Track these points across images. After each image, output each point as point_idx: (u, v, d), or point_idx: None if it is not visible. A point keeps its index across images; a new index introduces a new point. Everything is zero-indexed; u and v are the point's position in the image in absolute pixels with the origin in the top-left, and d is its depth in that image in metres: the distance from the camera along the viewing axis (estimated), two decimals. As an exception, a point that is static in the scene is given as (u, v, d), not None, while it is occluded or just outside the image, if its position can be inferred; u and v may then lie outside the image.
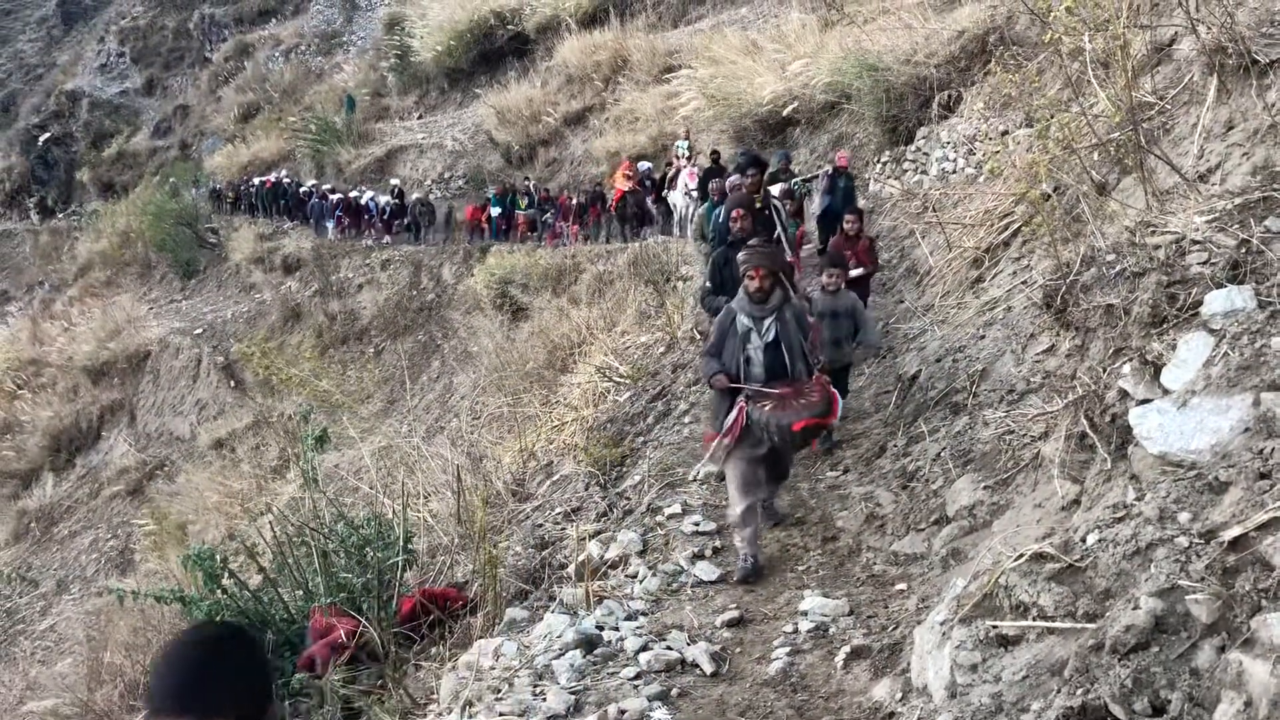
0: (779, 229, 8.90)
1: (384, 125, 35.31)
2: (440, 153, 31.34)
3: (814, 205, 13.15)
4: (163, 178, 41.83)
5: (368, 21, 45.40)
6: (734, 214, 7.70)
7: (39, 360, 33.00)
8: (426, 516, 8.77)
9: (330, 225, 30.25)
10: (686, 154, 19.38)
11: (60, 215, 48.97)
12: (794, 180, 12.97)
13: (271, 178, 34.54)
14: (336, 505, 7.97)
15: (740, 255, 6.36)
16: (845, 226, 9.42)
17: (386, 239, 28.21)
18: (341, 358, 25.26)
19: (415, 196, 28.18)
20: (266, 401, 23.56)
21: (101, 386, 30.73)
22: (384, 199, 28.62)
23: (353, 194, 29.54)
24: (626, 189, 20.98)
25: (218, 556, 6.56)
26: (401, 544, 6.83)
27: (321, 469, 10.71)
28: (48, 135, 51.14)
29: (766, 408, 5.94)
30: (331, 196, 30.44)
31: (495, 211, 25.04)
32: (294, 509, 9.45)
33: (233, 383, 26.76)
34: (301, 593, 6.97)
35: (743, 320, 6.16)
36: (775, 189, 11.77)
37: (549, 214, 23.87)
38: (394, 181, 29.96)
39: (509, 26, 31.59)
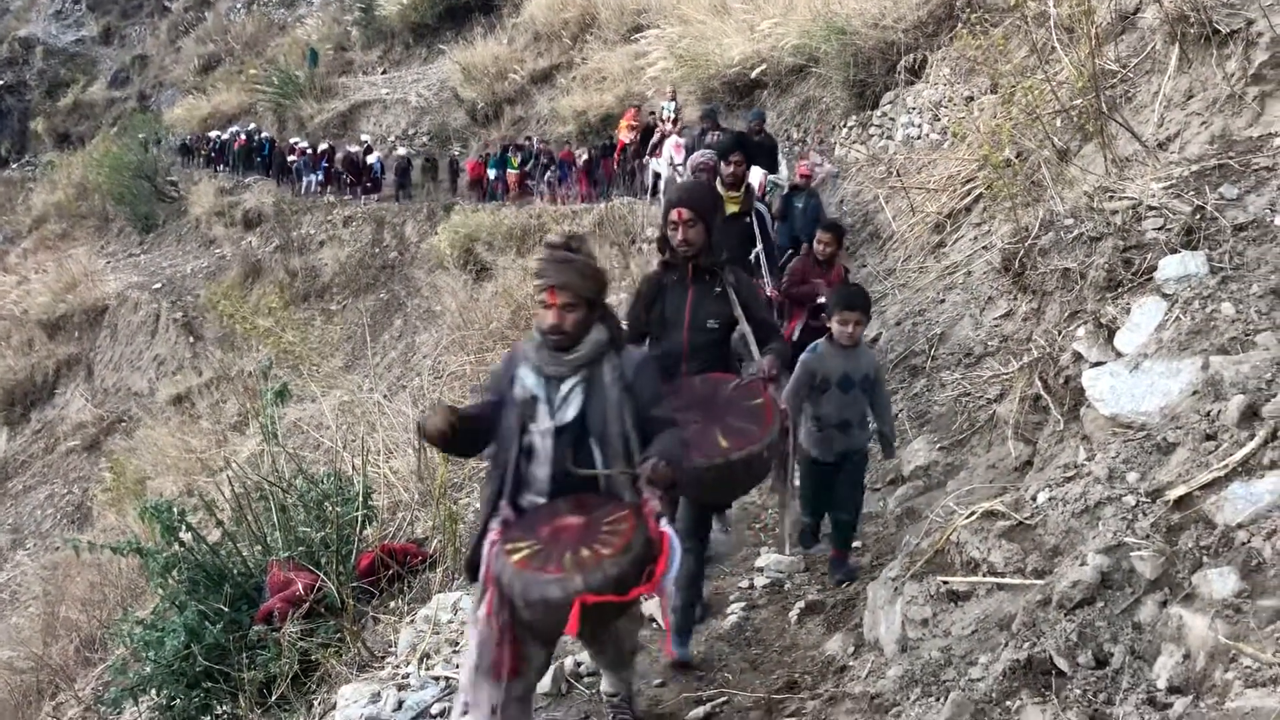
0: (760, 245, 6.87)
1: (347, 80, 34.80)
2: (404, 109, 30.97)
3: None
4: (121, 129, 41.02)
5: (332, -27, 44.56)
6: (674, 215, 4.52)
7: (-8, 313, 32.44)
8: (387, 473, 8.75)
9: (313, 180, 29.43)
10: (673, 117, 17.05)
11: (14, 166, 47.96)
12: (771, 185, 10.92)
13: (239, 132, 33.89)
14: (296, 460, 7.94)
15: (536, 263, 3.56)
16: (816, 248, 7.23)
17: (373, 196, 27.65)
18: (303, 314, 25.02)
19: (402, 152, 27.61)
20: (227, 356, 23.34)
21: (57, 340, 30.26)
22: (374, 156, 28.00)
23: (352, 149, 28.65)
24: (628, 140, 19.46)
25: (175, 509, 6.51)
26: (361, 499, 6.82)
27: (282, 424, 10.65)
28: (0, 83, 49.92)
29: (520, 557, 3.26)
30: (319, 148, 29.66)
31: (492, 173, 24.32)
32: (253, 464, 9.40)
33: (192, 338, 26.45)
34: (260, 547, 6.95)
35: (526, 380, 3.55)
36: (755, 175, 9.63)
37: (550, 170, 22.60)
38: (364, 138, 29.56)
39: (476, -19, 31.15)
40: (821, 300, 6.72)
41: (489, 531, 3.43)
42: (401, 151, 27.59)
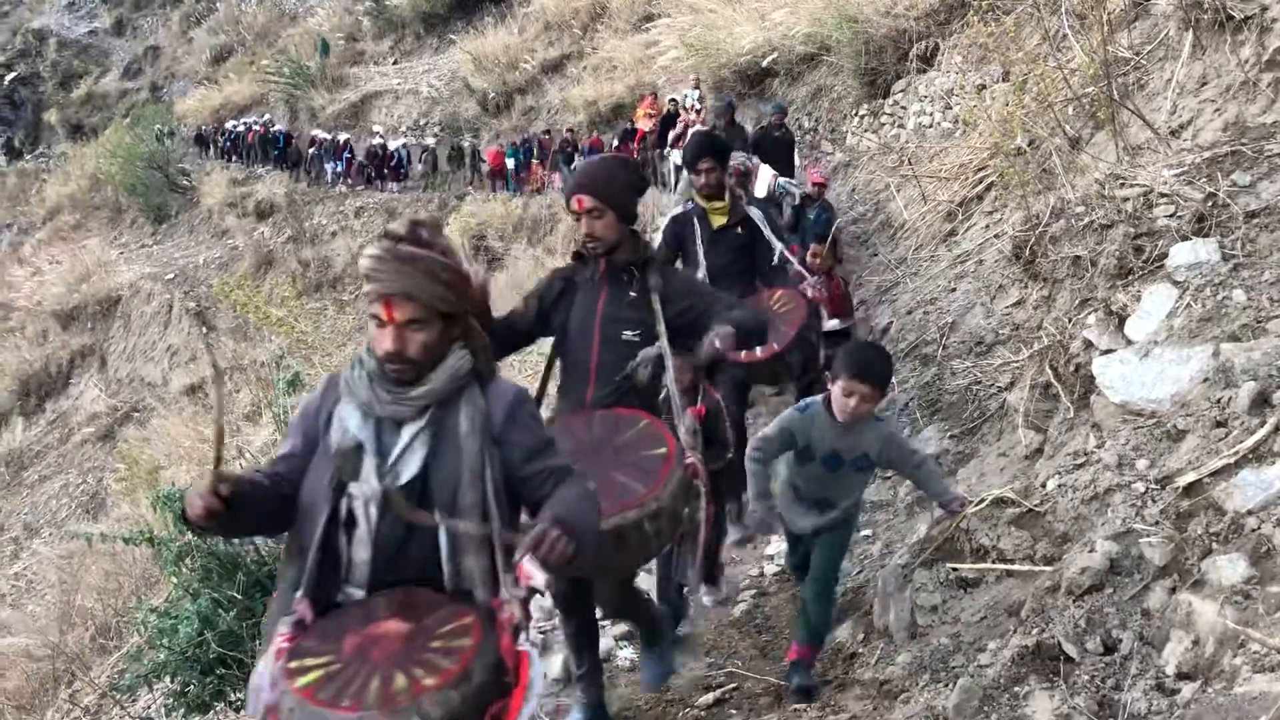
0: (776, 248, 5.69)
1: (358, 70, 34.81)
2: (416, 99, 30.96)
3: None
4: (134, 121, 41.11)
5: (342, -37, 44.55)
6: (573, 203, 3.67)
7: (7, 304, 32.59)
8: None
9: (333, 170, 29.28)
10: (697, 106, 16.28)
11: (28, 157, 48.11)
12: (781, 189, 10.01)
13: (254, 124, 33.91)
14: (308, 449, 7.97)
15: (365, 261, 2.59)
16: (809, 262, 6.56)
17: (393, 186, 27.58)
18: (315, 305, 25.08)
19: (430, 141, 27.48)
20: (239, 346, 23.41)
21: (71, 331, 30.39)
22: (399, 144, 27.87)
23: (376, 141, 28.55)
24: (648, 129, 18.50)
25: (186, 497, 6.55)
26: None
27: (295, 414, 10.68)
28: (14, 75, 50.09)
29: (306, 681, 2.25)
30: (340, 138, 29.56)
31: (510, 164, 24.17)
32: (266, 453, 9.44)
33: (204, 328, 26.55)
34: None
35: (348, 423, 2.60)
36: (764, 176, 8.95)
37: (580, 156, 21.59)
38: (376, 128, 29.57)
39: (486, -29, 31.11)
40: (830, 321, 6.82)
41: (276, 638, 2.40)
42: (430, 140, 27.46)
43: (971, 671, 3.40)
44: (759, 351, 4.76)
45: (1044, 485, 4.07)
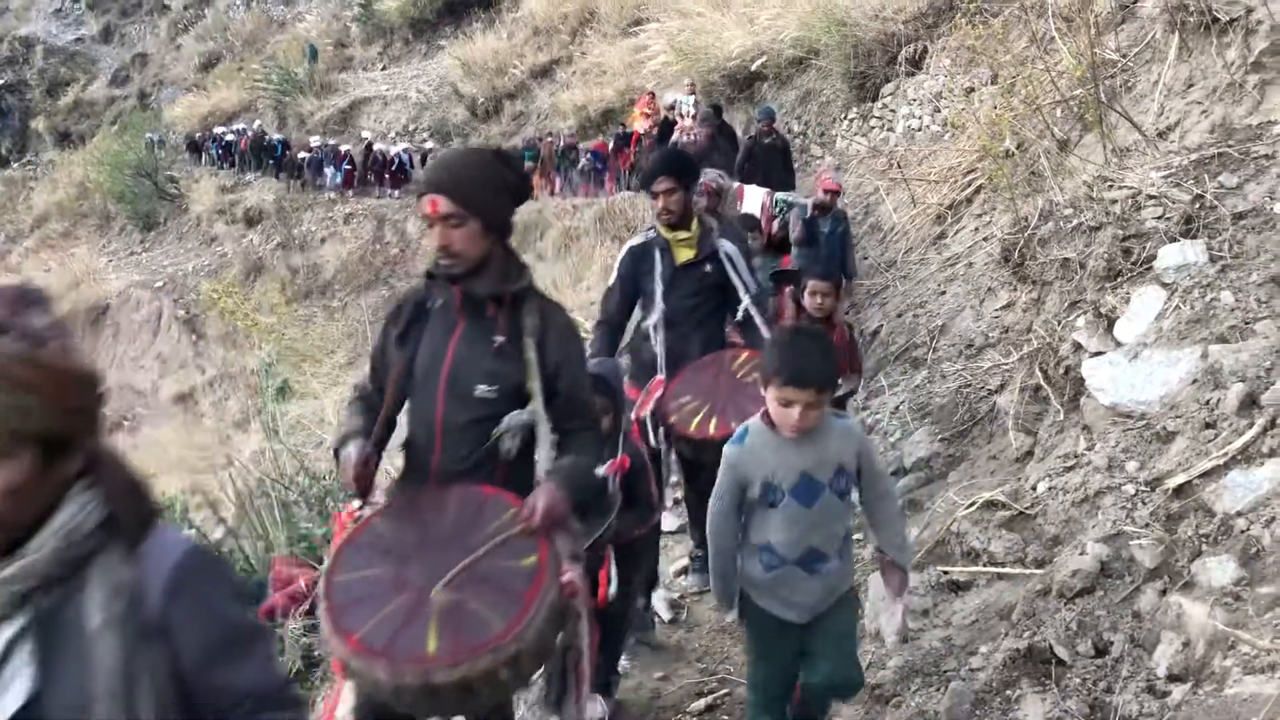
0: (744, 295, 4.83)
1: (347, 76, 34.77)
2: (404, 105, 30.94)
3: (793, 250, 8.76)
4: (122, 128, 41.00)
5: (331, -30, 44.53)
6: (425, 205, 2.79)
7: (-5, 313, 32.39)
8: (389, 469, 8.76)
9: (335, 177, 28.88)
10: (692, 112, 15.73)
11: (15, 165, 47.90)
12: (781, 204, 9.41)
13: (245, 130, 33.77)
14: (299, 457, 7.95)
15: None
16: (808, 302, 5.37)
17: (393, 192, 27.29)
18: (304, 311, 25.04)
19: (431, 145, 27.27)
20: (229, 353, 23.37)
21: (60, 339, 30.25)
22: (397, 149, 27.61)
23: (378, 146, 28.23)
24: (643, 130, 17.72)
25: (179, 507, 6.53)
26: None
27: (284, 421, 10.65)
28: (1, 83, 49.93)
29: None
30: (341, 148, 29.15)
31: None
32: (256, 461, 9.41)
33: (194, 336, 26.48)
34: (263, 544, 6.96)
35: None
36: (753, 196, 8.79)
37: (583, 163, 21.32)
38: (365, 134, 29.51)
39: (475, -23, 31.13)
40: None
41: None
42: (430, 145, 27.28)
43: (963, 675, 3.39)
44: (712, 428, 4.08)
45: (1034, 488, 4.07)
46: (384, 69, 34.47)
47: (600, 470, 3.36)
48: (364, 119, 31.63)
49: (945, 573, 4.04)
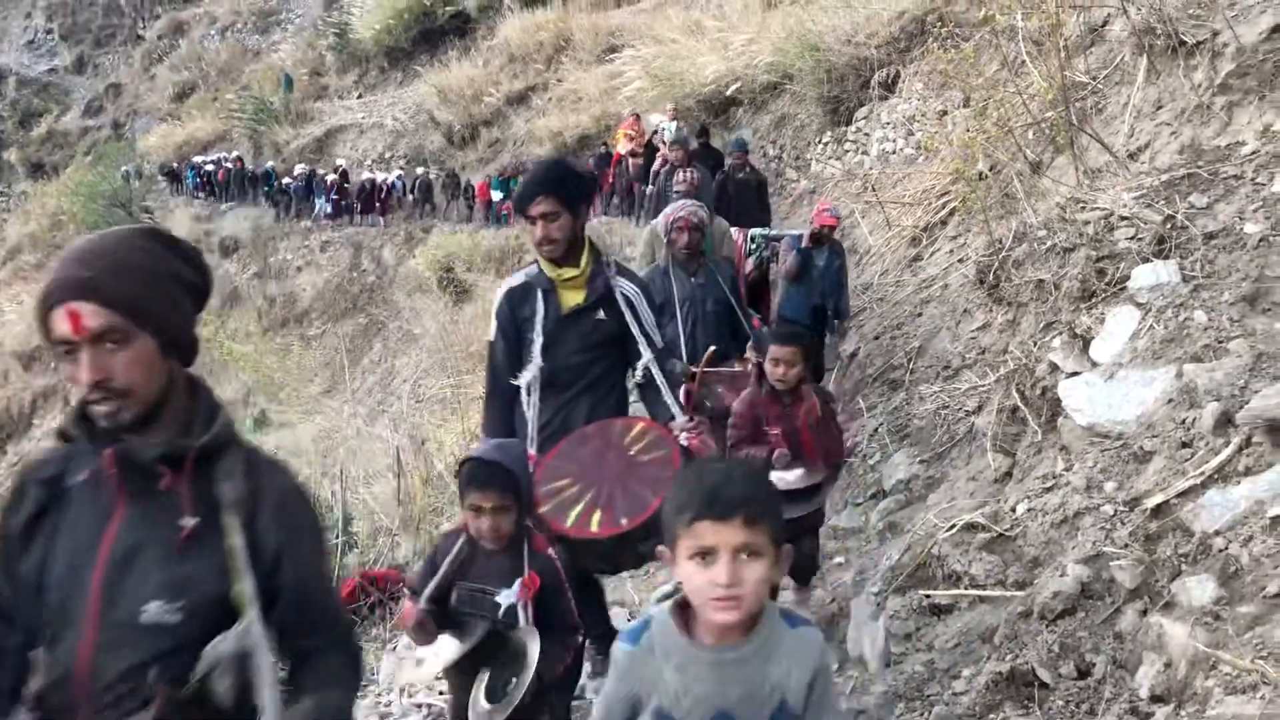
0: (644, 349, 3.85)
1: (323, 104, 34.79)
2: (380, 132, 30.96)
3: (778, 288, 8.05)
4: (96, 158, 40.85)
5: (305, -1, 44.62)
6: (62, 320, 1.79)
7: (-33, 345, 32.14)
8: (368, 499, 8.71)
9: (325, 207, 28.59)
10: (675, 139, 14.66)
11: (-12, 196, 47.66)
12: (759, 241, 8.66)
13: (224, 160, 33.59)
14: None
15: None
16: (770, 370, 4.33)
17: (380, 220, 27.16)
18: (281, 341, 24.92)
19: (425, 171, 27.08)
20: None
21: (33, 372, 30.00)
22: (390, 176, 27.43)
23: (365, 176, 27.95)
24: (625, 151, 17.26)
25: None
26: (341, 526, 6.78)
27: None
28: (-27, 114, 49.68)
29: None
30: (329, 178, 28.79)
31: (497, 196, 23.21)
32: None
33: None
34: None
35: None
36: (722, 230, 7.11)
37: None
38: (339, 161, 29.48)
39: (449, 5, 31.24)
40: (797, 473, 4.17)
41: None
42: (420, 171, 27.07)
43: (946, 699, 3.38)
44: (594, 526, 3.20)
45: (1014, 509, 4.07)
46: (360, 97, 34.50)
47: (505, 598, 2.83)
48: (340, 147, 31.62)
49: (927, 596, 4.04)
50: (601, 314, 3.80)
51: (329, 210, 28.30)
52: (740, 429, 4.34)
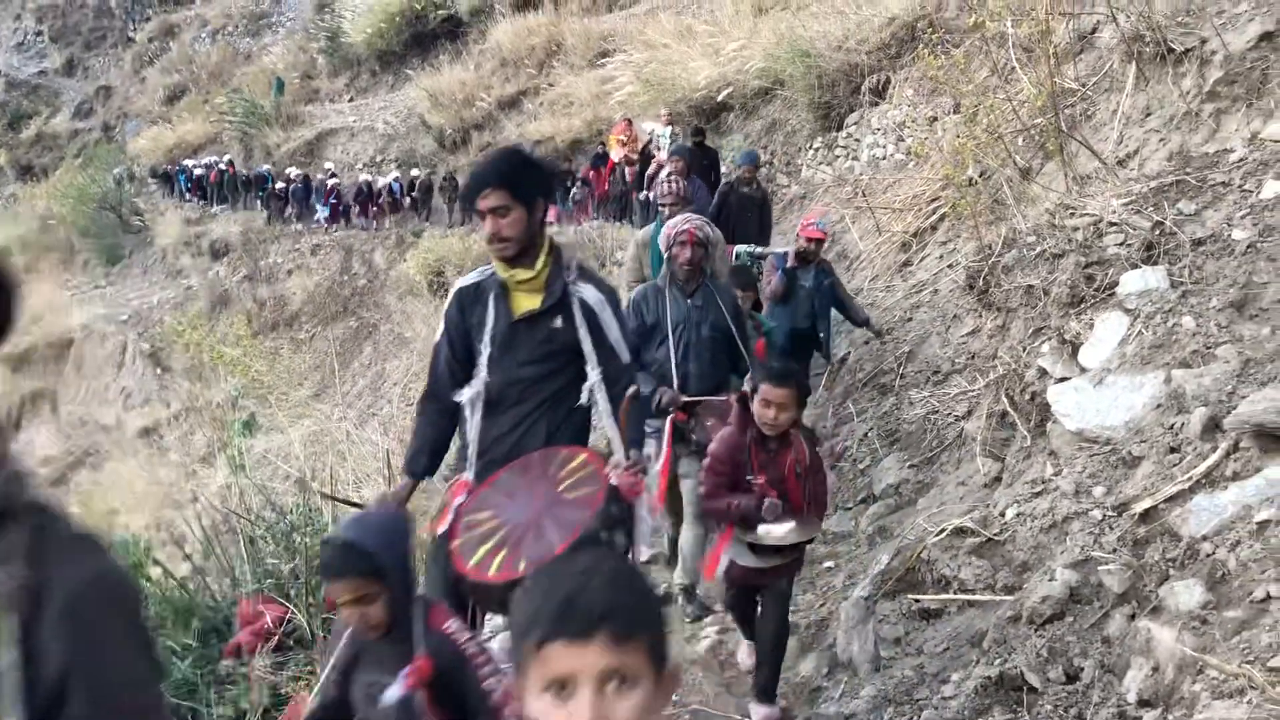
0: (593, 373, 3.41)
1: (314, 108, 34.72)
2: (372, 136, 30.92)
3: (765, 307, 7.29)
4: (85, 161, 40.76)
5: (297, 2, 44.52)
6: None
7: (-45, 348, 32.00)
8: (358, 503, 8.68)
9: (324, 210, 28.10)
10: (669, 145, 14.71)
11: (-23, 199, 47.47)
12: (745, 257, 8.08)
13: (217, 163, 33.45)
14: (264, 491, 7.87)
15: None
16: (757, 412, 3.75)
17: (365, 222, 26.91)
18: (271, 344, 24.85)
19: (424, 172, 26.65)
20: (194, 387, 23.15)
21: (22, 375, 29.88)
22: (387, 179, 27.04)
23: (363, 178, 27.58)
24: (618, 159, 16.89)
25: (143, 544, 6.43)
26: (331, 530, 6.76)
27: (250, 456, 10.55)
28: (-37, 116, 49.49)
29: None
30: (329, 182, 28.27)
31: None
32: (222, 497, 9.31)
33: (159, 370, 26.21)
34: (229, 580, 6.87)
35: None
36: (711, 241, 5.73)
37: (574, 190, 20.59)
38: (327, 165, 29.40)
39: (441, 9, 31.23)
40: (785, 540, 3.70)
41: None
42: (415, 173, 26.86)
43: (935, 704, 3.39)
44: (493, 570, 2.89)
45: (1003, 514, 4.08)
46: (351, 100, 34.47)
47: (390, 694, 2.44)
48: (331, 150, 31.58)
49: (916, 600, 4.05)
50: (559, 321, 3.37)
51: (327, 214, 28.04)
52: (718, 474, 3.84)
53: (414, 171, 26.86)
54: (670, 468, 5.05)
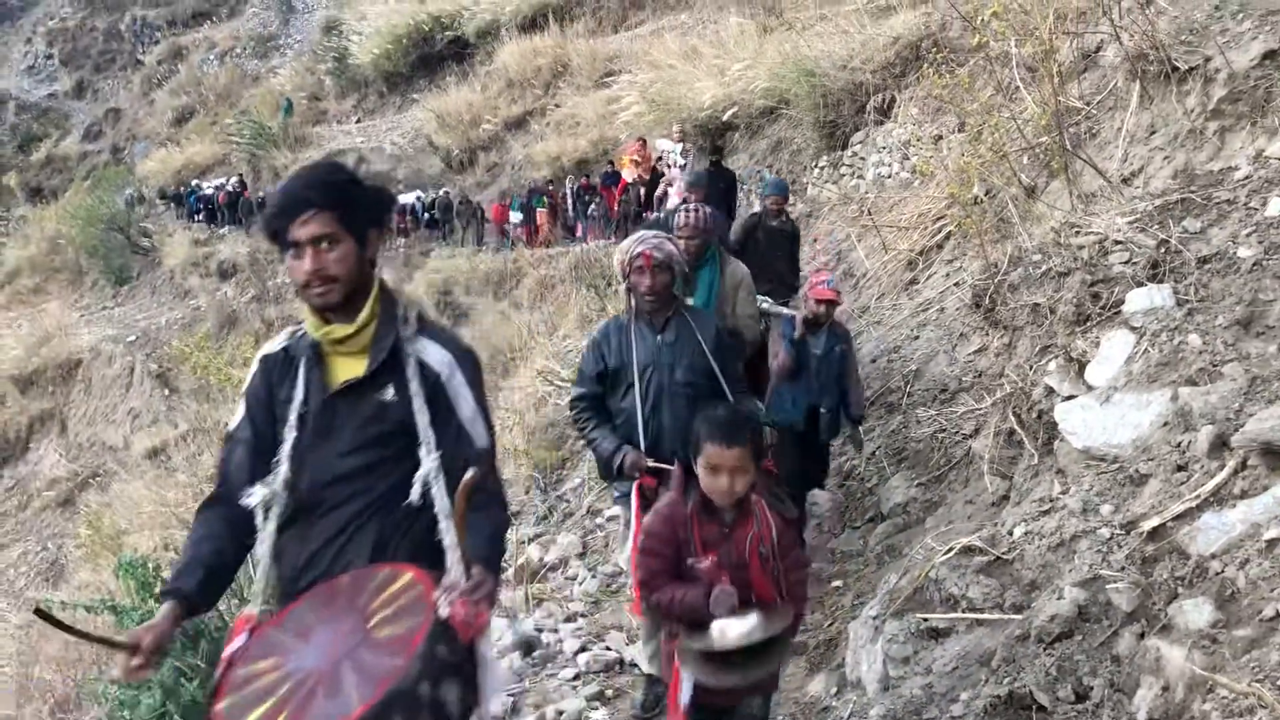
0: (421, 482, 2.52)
1: (321, 129, 34.96)
2: (379, 157, 31.10)
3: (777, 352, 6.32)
4: (94, 183, 40.99)
5: (305, 24, 44.90)
6: None
7: (-35, 369, 32.14)
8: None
9: None
10: (681, 164, 14.50)
11: (-13, 220, 47.75)
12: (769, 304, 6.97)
13: (224, 185, 33.61)
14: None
15: None
16: (709, 480, 3.03)
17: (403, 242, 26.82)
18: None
19: (444, 191, 26.66)
20: (202, 408, 23.19)
21: (30, 395, 30.00)
22: (411, 197, 27.05)
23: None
24: (631, 179, 16.86)
25: (151, 565, 6.43)
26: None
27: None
28: (-27, 139, 49.85)
29: None
30: None
31: (516, 218, 22.96)
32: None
33: (167, 391, 26.28)
34: (236, 600, 6.87)
35: None
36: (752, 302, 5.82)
37: (592, 207, 20.70)
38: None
39: (448, 31, 31.45)
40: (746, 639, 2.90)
41: None
42: (442, 190, 26.90)
43: (945, 723, 3.38)
44: None
45: (1011, 532, 4.08)
46: (358, 121, 34.70)
47: None
48: (338, 171, 31.73)
49: (924, 619, 4.03)
50: (390, 393, 2.54)
51: None
52: (654, 557, 3.04)
53: (438, 191, 26.94)
54: None
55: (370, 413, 2.54)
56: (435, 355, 2.59)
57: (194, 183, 36.09)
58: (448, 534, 2.41)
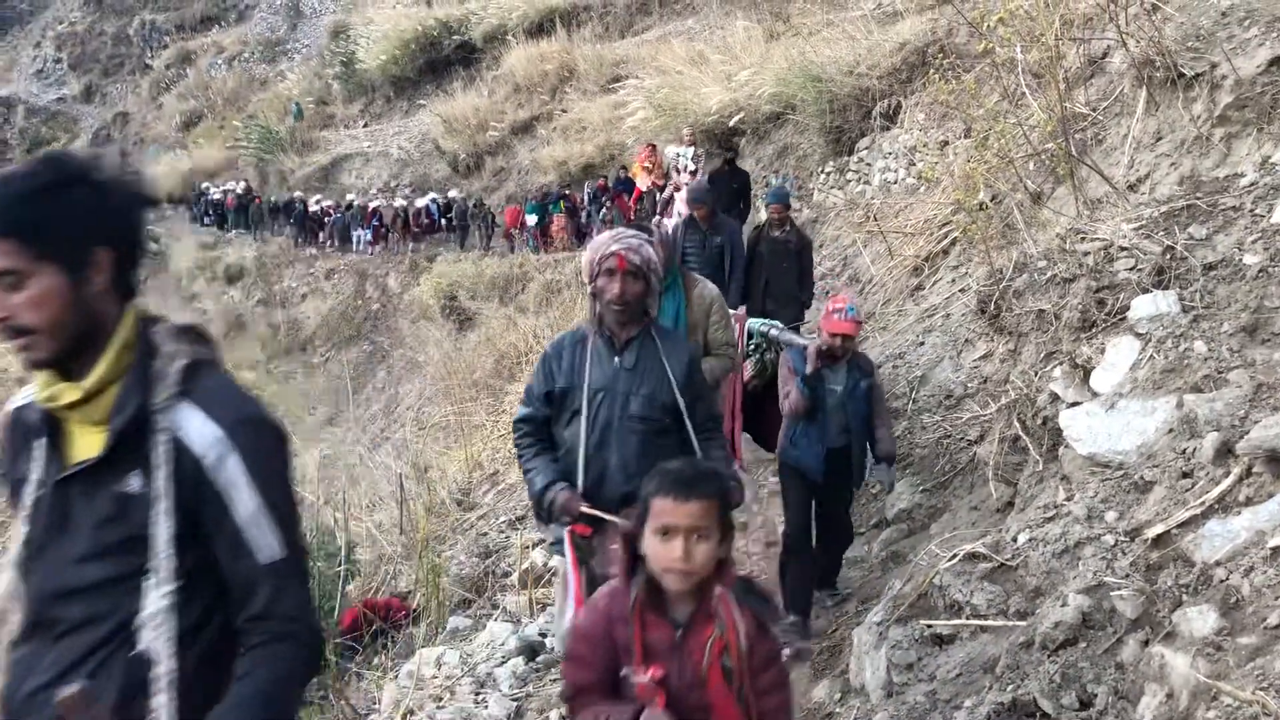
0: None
1: (329, 133, 35.07)
2: (386, 161, 31.18)
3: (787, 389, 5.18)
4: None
5: (312, 29, 45.03)
6: None
7: (-28, 372, 32.23)
8: (370, 527, 8.71)
9: (365, 236, 28.04)
10: (691, 168, 13.86)
11: (-5, 224, 47.92)
12: (758, 338, 6.42)
13: (233, 190, 33.67)
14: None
15: None
16: (659, 552, 2.20)
17: (421, 245, 26.69)
18: (285, 368, 24.97)
19: (457, 195, 26.51)
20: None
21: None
22: (425, 201, 26.93)
23: (399, 203, 27.52)
24: (645, 188, 16.72)
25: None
26: (344, 555, 6.78)
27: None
28: (-18, 142, 50.05)
29: None
30: (371, 204, 28.31)
31: (532, 220, 22.79)
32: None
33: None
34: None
35: None
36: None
37: (604, 211, 20.50)
38: (349, 197, 29.54)
39: (455, 35, 31.52)
40: None
41: None
42: (454, 194, 26.82)
43: (948, 730, 3.37)
44: None
45: (1015, 539, 4.07)
46: (366, 126, 34.79)
47: None
48: (346, 175, 31.82)
49: (929, 626, 4.03)
50: (135, 483, 1.81)
51: (369, 237, 27.87)
52: (581, 668, 2.34)
53: (451, 194, 26.93)
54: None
55: (108, 511, 1.81)
56: (198, 431, 1.82)
57: (202, 186, 36.21)
58: (163, 697, 1.74)
